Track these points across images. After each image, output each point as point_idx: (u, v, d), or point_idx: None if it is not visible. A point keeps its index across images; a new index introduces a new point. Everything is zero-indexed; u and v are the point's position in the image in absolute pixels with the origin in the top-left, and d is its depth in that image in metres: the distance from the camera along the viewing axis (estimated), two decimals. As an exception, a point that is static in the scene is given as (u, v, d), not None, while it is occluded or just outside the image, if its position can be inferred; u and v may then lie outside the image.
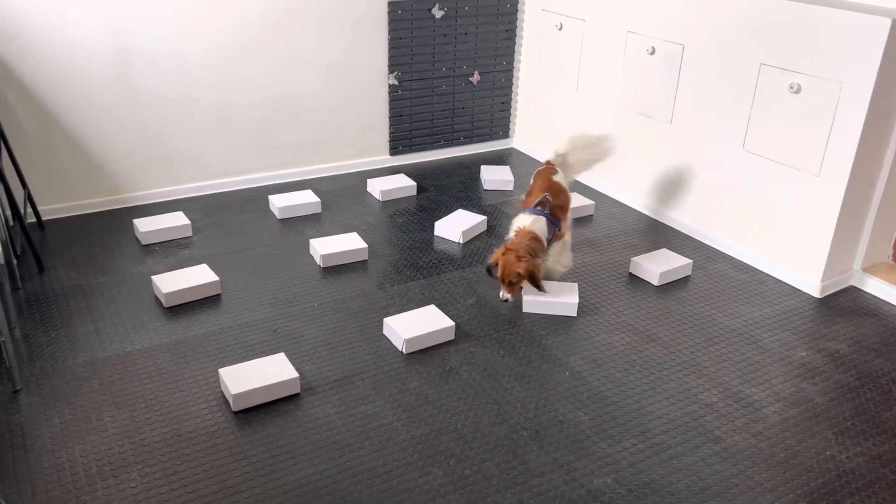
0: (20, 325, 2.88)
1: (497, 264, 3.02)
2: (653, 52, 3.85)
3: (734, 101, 3.49)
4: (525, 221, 3.12)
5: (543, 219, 3.13)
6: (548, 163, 3.50)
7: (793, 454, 2.38)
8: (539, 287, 3.00)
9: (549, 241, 3.17)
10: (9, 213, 3.36)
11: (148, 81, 3.79)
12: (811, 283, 3.32)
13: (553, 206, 3.21)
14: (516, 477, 2.25)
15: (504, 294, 3.03)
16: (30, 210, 3.62)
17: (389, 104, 4.52)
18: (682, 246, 3.73)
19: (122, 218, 3.80)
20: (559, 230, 3.24)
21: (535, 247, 3.04)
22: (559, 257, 3.28)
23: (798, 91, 3.19)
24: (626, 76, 4.06)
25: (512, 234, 3.13)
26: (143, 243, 3.54)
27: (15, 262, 3.19)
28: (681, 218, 3.91)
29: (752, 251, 3.58)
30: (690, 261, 3.48)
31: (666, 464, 2.32)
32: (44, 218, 3.73)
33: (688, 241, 3.79)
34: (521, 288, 3.09)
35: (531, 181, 3.45)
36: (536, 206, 3.18)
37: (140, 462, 2.24)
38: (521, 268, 2.96)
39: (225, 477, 2.20)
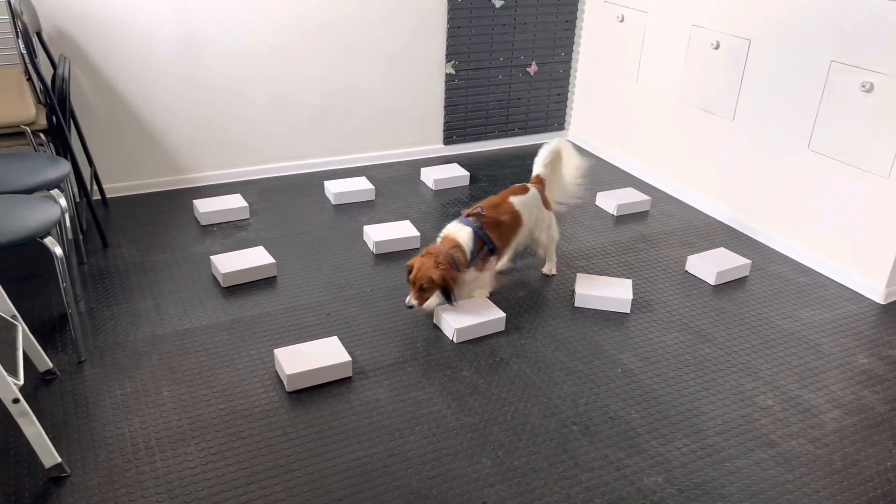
0: (84, 299, 2.98)
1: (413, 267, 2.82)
2: (717, 47, 3.77)
3: (801, 98, 3.40)
4: (452, 229, 2.91)
5: (470, 230, 2.88)
6: (536, 177, 3.26)
7: (851, 463, 2.32)
8: (450, 299, 2.82)
9: (474, 256, 2.89)
10: (76, 189, 3.47)
11: (211, 66, 3.86)
12: (875, 288, 3.22)
13: (487, 223, 2.93)
14: (565, 471, 2.24)
15: (410, 299, 2.79)
16: (95, 188, 3.74)
17: (445, 93, 4.52)
18: (740, 245, 3.65)
19: (182, 198, 3.89)
20: (490, 250, 2.95)
21: (456, 257, 2.80)
22: (478, 280, 3.02)
23: (870, 90, 3.08)
24: (687, 70, 3.98)
25: (438, 240, 2.93)
26: (202, 224, 3.61)
27: (81, 237, 3.30)
28: (740, 217, 3.83)
29: (813, 253, 3.48)
30: (749, 261, 3.40)
31: (719, 466, 2.28)
32: (108, 196, 3.84)
33: (746, 241, 3.71)
34: (431, 296, 2.85)
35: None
36: (468, 216, 2.95)
37: (197, 437, 2.30)
38: (434, 274, 2.74)
39: (278, 455, 2.24)
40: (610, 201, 3.97)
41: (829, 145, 3.30)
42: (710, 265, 3.31)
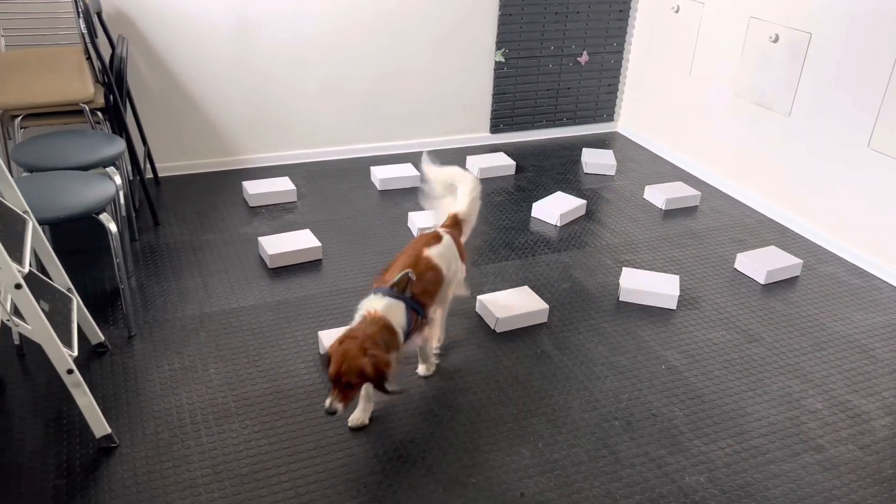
0: (136, 275, 3.05)
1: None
2: (776, 40, 3.67)
3: (862, 95, 3.29)
4: (376, 305, 2.21)
5: (402, 304, 2.24)
6: (452, 217, 2.68)
7: (902, 472, 2.25)
8: (387, 391, 2.11)
9: (409, 334, 2.26)
10: (130, 168, 3.55)
11: (264, 50, 3.90)
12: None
13: (416, 288, 2.30)
14: (605, 466, 2.22)
15: (333, 403, 2.03)
16: (148, 166, 3.82)
17: (494, 81, 4.49)
18: (791, 244, 3.56)
19: (231, 179, 3.95)
20: (422, 317, 2.34)
21: (387, 338, 2.15)
22: (429, 343, 2.56)
23: (937, 87, 2.97)
24: (744, 64, 3.88)
25: (357, 319, 2.23)
26: (251, 205, 3.67)
27: (134, 215, 3.37)
28: (792, 215, 3.73)
29: (867, 255, 3.38)
30: (800, 261, 3.32)
31: (763, 468, 2.24)
32: (161, 175, 3.92)
33: (798, 240, 3.62)
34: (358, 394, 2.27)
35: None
36: (393, 286, 2.26)
37: (241, 414, 2.34)
38: (365, 364, 2.04)
39: (320, 436, 2.27)
40: (658, 195, 3.91)
41: (891, 143, 3.19)
42: (759, 263, 3.24)
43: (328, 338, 2.59)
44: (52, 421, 2.27)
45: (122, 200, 2.99)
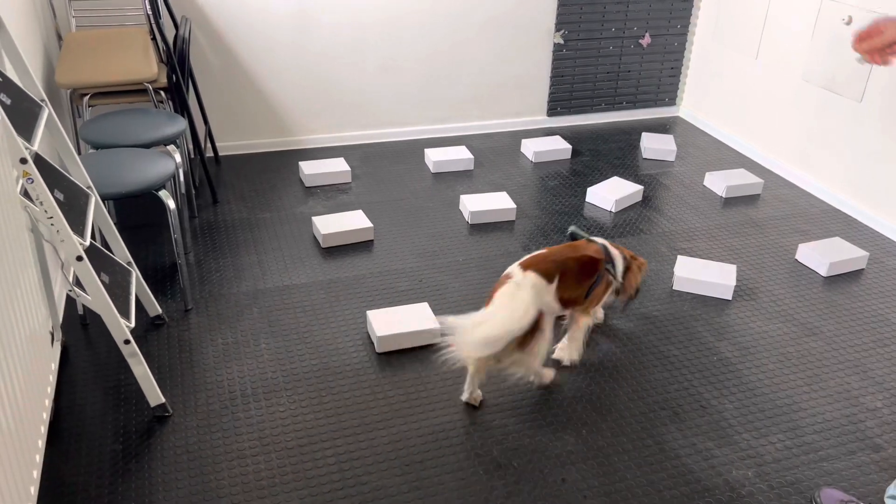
0: (194, 251, 3.14)
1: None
2: (849, 22, 3.50)
3: (942, 80, 3.12)
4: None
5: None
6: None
7: (966, 477, 2.15)
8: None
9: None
10: (191, 146, 3.64)
11: (322, 33, 3.94)
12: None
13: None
14: (650, 456, 2.19)
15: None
16: (209, 145, 3.91)
17: (552, 63, 4.43)
18: (858, 236, 3.42)
19: (288, 159, 4.02)
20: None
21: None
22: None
23: None
24: (814, 47, 3.72)
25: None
26: (307, 185, 3.72)
27: (193, 192, 3.47)
28: (859, 205, 3.58)
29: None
30: (866, 253, 3.18)
31: (815, 465, 2.17)
32: (220, 154, 4.02)
33: (865, 232, 3.47)
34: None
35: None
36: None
37: (290, 389, 2.40)
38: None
39: (365, 413, 2.31)
40: (719, 182, 3.80)
41: (971, 132, 3.02)
42: (822, 255, 3.12)
43: (376, 317, 2.62)
44: (111, 389, 2.37)
45: (181, 178, 3.07)
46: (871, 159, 3.50)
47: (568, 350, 2.53)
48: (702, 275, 2.96)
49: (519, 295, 2.21)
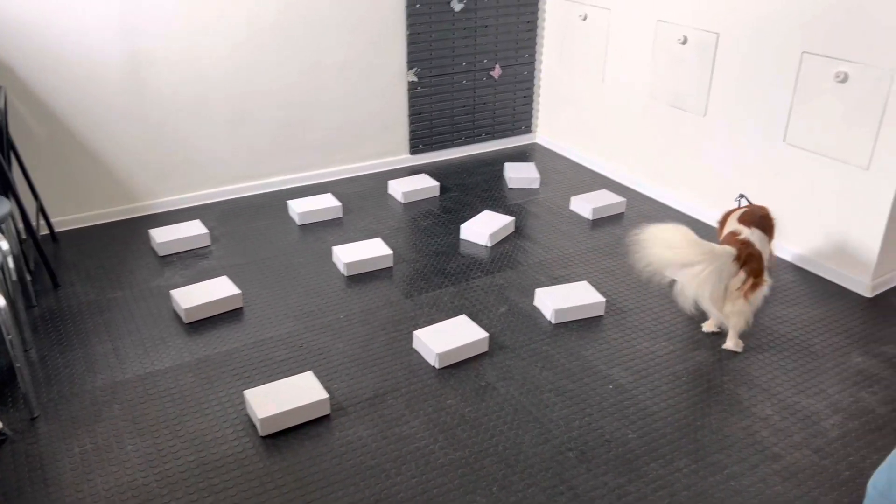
0: (36, 346, 2.77)
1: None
2: (685, 42, 3.68)
3: (773, 91, 3.32)
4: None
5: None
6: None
7: (858, 472, 2.22)
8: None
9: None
10: (21, 226, 3.24)
11: (161, 85, 3.66)
12: (860, 282, 3.16)
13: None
14: (565, 503, 2.11)
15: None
16: (42, 222, 3.51)
17: (409, 101, 4.37)
18: (720, 244, 3.56)
19: (137, 227, 3.68)
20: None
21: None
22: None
23: (845, 80, 3.01)
24: (656, 67, 3.88)
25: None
26: (160, 254, 3.41)
27: (29, 278, 3.07)
28: (717, 214, 3.73)
29: (795, 249, 3.41)
30: (731, 261, 3.31)
31: (724, 485, 2.17)
32: (57, 230, 3.61)
33: (726, 239, 3.62)
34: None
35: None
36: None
37: (166, 494, 2.12)
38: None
39: (256, 510, 2.08)
40: (584, 205, 3.86)
41: (806, 138, 3.23)
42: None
43: (256, 397, 2.39)
44: (-55, 530, 2.00)
45: (11, 265, 2.70)
46: (720, 169, 3.67)
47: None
48: (567, 301, 2.95)
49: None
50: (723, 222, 3.02)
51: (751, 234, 2.71)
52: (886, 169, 2.96)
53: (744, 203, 3.09)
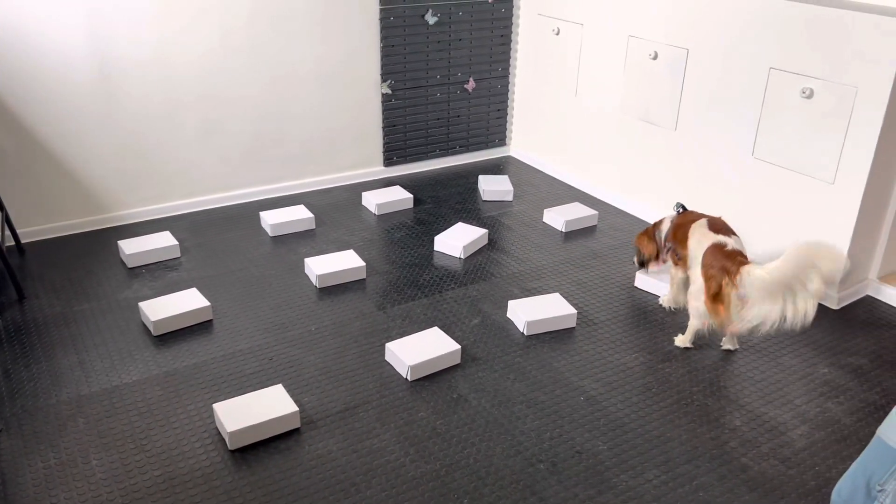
0: (0, 360, 2.71)
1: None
2: (655, 57, 3.73)
3: (742, 106, 3.37)
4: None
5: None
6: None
7: (824, 481, 2.25)
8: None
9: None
10: (-14, 237, 3.18)
11: (131, 95, 3.62)
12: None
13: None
14: (535, 516, 2.11)
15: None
16: (8, 233, 3.45)
17: (383, 114, 4.37)
18: (690, 257, 3.60)
19: (106, 239, 3.63)
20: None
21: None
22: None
23: (810, 96, 3.07)
24: (627, 81, 3.93)
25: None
26: (129, 266, 3.37)
27: (-7, 290, 3.02)
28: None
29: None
30: (701, 273, 3.35)
31: (693, 496, 2.18)
32: (23, 241, 3.55)
33: (696, 252, 3.66)
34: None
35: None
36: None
37: (131, 510, 2.08)
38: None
39: (223, 525, 2.05)
40: (557, 217, 3.88)
41: (773, 152, 3.29)
42: (658, 279, 3.24)
43: (225, 410, 2.36)
44: None
45: (-25, 277, 2.65)
46: (689, 183, 3.72)
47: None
48: (539, 313, 2.97)
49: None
50: (678, 231, 2.97)
51: (735, 242, 2.77)
52: (851, 183, 3.02)
53: (681, 211, 3.11)
